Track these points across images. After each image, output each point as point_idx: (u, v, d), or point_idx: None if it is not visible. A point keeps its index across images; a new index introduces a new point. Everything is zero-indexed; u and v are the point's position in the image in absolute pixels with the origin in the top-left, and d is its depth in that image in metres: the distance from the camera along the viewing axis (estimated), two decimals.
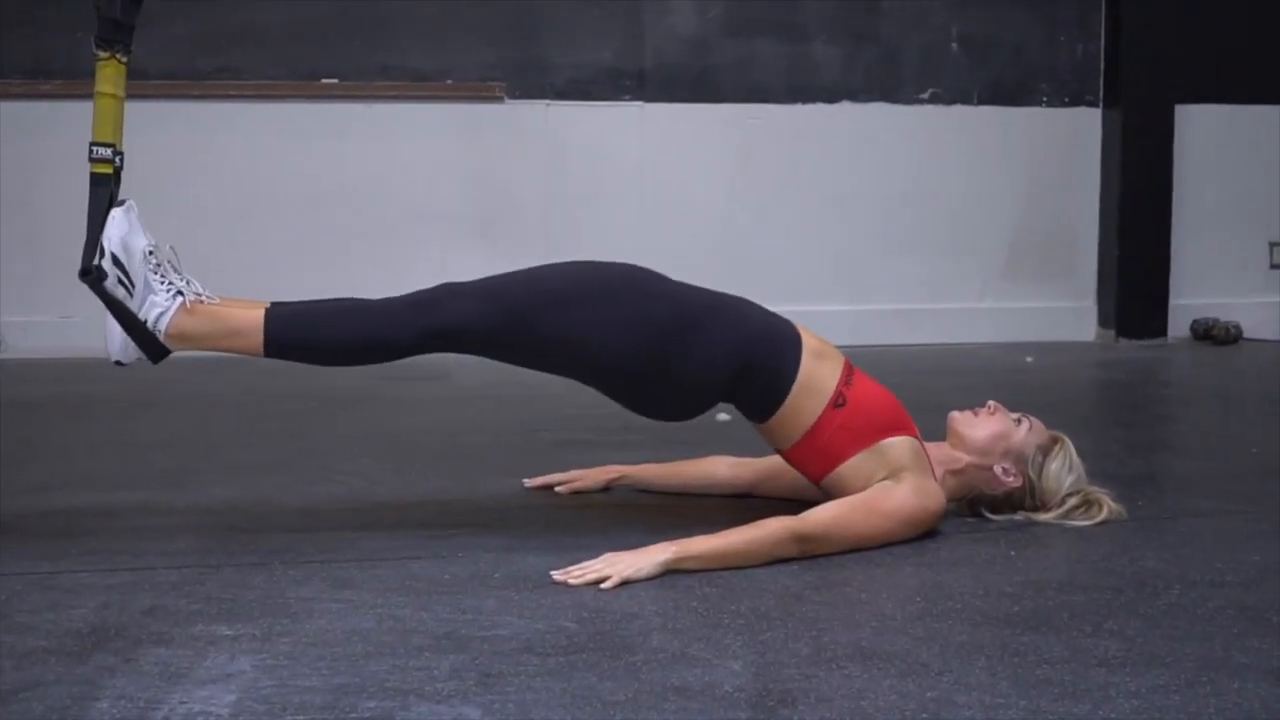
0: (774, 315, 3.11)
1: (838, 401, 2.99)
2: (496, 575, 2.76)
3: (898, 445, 2.99)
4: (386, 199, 6.05)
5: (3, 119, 5.77)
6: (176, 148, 5.87)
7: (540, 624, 2.47)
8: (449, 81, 6.08)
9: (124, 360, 2.90)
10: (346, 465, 3.75)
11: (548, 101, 6.14)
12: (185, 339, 2.86)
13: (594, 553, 2.78)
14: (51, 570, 2.78)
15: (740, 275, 6.23)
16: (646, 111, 6.21)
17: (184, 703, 2.10)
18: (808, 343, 3.04)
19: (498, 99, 6.10)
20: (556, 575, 2.72)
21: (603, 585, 2.66)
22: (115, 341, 2.87)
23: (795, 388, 2.98)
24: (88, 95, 2.97)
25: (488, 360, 3.05)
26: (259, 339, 2.86)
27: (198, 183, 5.92)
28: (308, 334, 2.89)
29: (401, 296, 2.95)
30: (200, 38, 5.91)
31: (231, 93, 5.94)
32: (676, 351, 2.92)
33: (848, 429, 2.98)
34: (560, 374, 3.05)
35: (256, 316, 2.87)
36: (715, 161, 6.29)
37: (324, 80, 5.99)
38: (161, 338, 2.85)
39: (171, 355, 2.91)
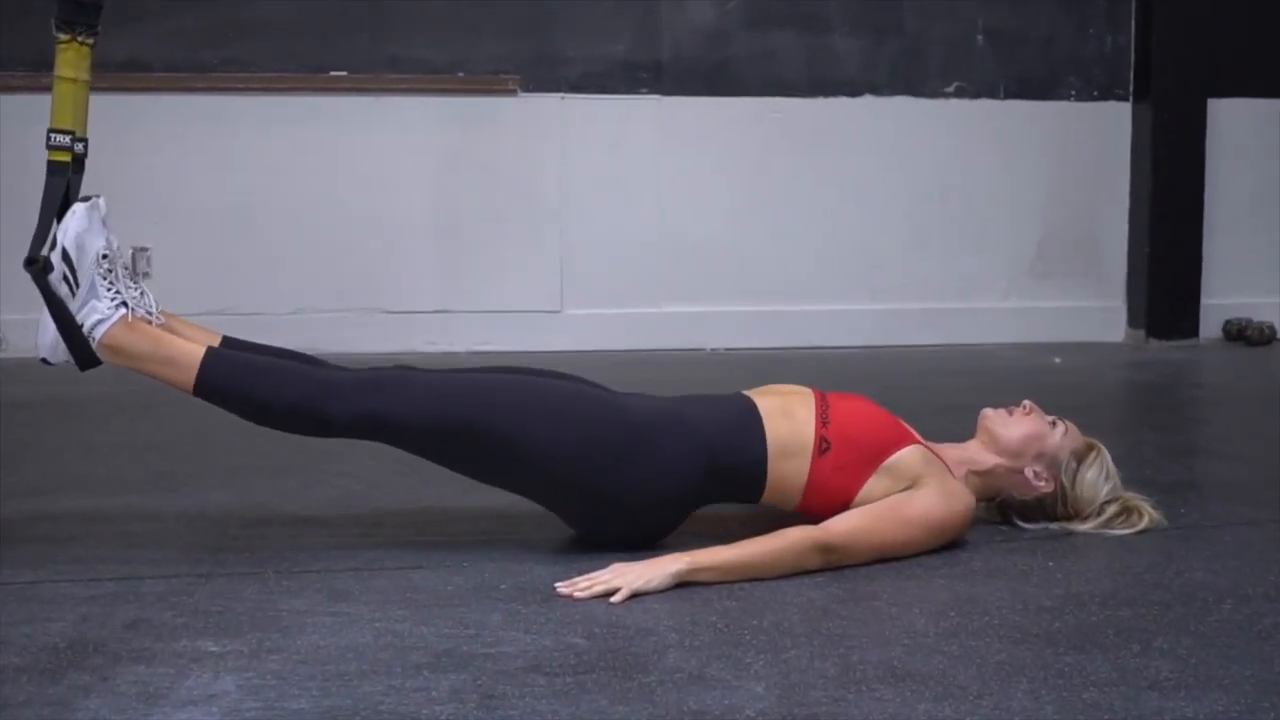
0: (726, 400, 2.91)
1: (821, 449, 2.81)
2: (502, 587, 2.60)
3: (905, 457, 2.83)
4: (395, 196, 5.91)
5: (4, 112, 5.62)
6: (181, 141, 5.76)
7: (548, 640, 2.31)
8: (460, 74, 5.93)
9: (51, 360, 2.76)
10: (349, 468, 3.60)
11: (562, 95, 6.00)
12: (118, 354, 2.70)
13: (604, 563, 2.63)
14: (33, 580, 2.63)
15: (758, 274, 6.12)
16: (663, 105, 6.06)
17: None
18: (767, 407, 2.85)
19: (511, 92, 5.95)
20: (562, 588, 2.56)
21: (612, 599, 2.50)
22: (46, 338, 2.73)
23: (770, 461, 2.80)
24: (90, 88, 2.82)
25: (444, 468, 2.87)
26: (191, 375, 2.69)
27: (203, 176, 5.80)
28: (243, 386, 2.70)
29: (351, 372, 2.78)
30: (205, 30, 5.79)
31: (237, 86, 5.81)
32: (634, 472, 2.72)
33: (843, 468, 2.81)
34: (509, 489, 2.85)
35: (195, 352, 2.70)
36: (734, 157, 6.14)
37: (332, 73, 5.86)
38: (94, 346, 2.69)
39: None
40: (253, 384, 2.71)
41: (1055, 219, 6.37)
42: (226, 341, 2.85)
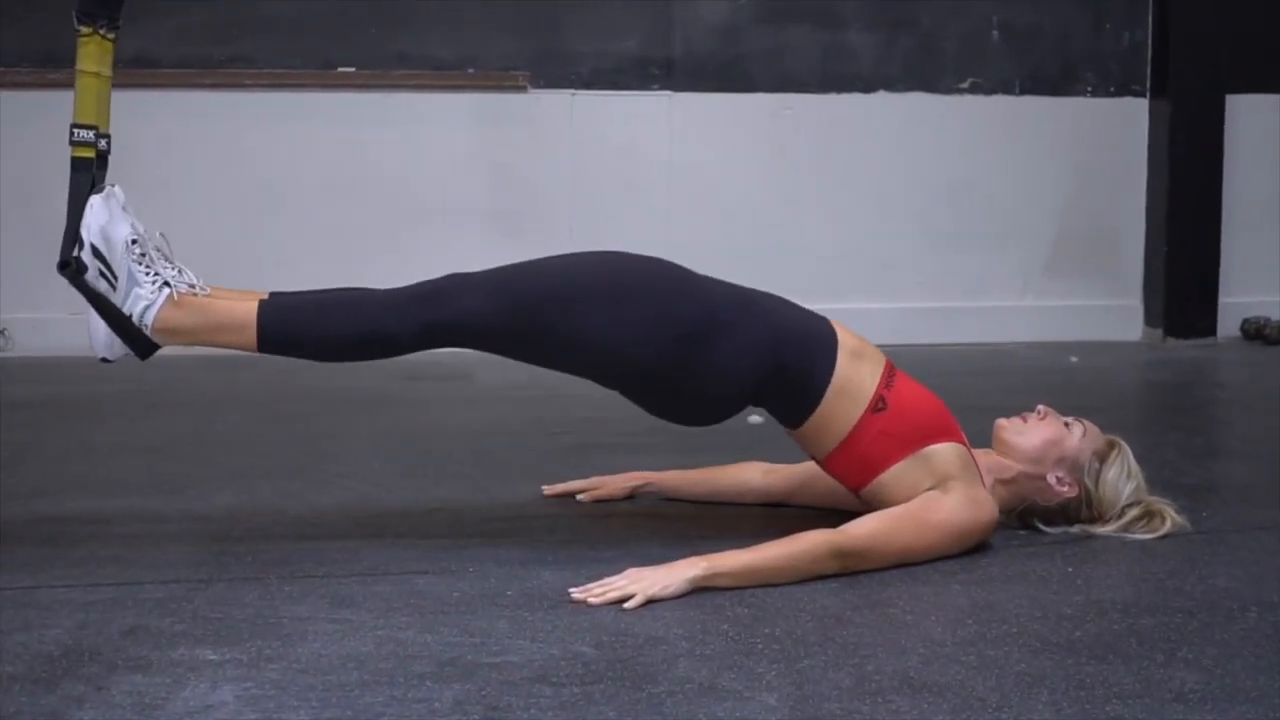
0: (808, 313, 2.88)
1: (877, 405, 2.76)
2: (509, 593, 2.55)
3: (944, 452, 2.76)
4: (405, 191, 5.86)
5: (11, 109, 5.58)
6: (190, 137, 5.70)
7: (555, 649, 2.25)
8: (470, 71, 5.87)
9: (110, 357, 2.70)
10: (357, 469, 3.54)
11: (573, 91, 5.93)
12: (174, 333, 2.65)
13: (617, 567, 2.57)
14: (31, 584, 2.58)
15: (772, 272, 6.03)
16: (675, 102, 5.99)
17: None
18: (844, 342, 2.81)
19: (521, 89, 5.89)
20: (575, 594, 2.50)
21: (626, 605, 2.44)
22: (99, 337, 2.67)
23: (829, 391, 2.76)
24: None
25: (512, 360, 2.83)
26: (252, 334, 2.65)
27: (211, 173, 5.74)
28: (304, 329, 2.68)
29: (406, 288, 2.73)
30: (214, 26, 5.73)
31: (246, 82, 5.75)
32: (698, 354, 2.69)
33: (888, 435, 2.75)
34: (574, 374, 2.83)
35: (250, 309, 2.66)
36: (746, 154, 6.06)
37: (340, 69, 5.79)
38: (148, 332, 2.64)
39: (174, 350, 2.72)
40: (313, 324, 2.68)
41: (1071, 216, 6.29)
42: (272, 294, 2.78)
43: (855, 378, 2.77)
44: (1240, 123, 6.27)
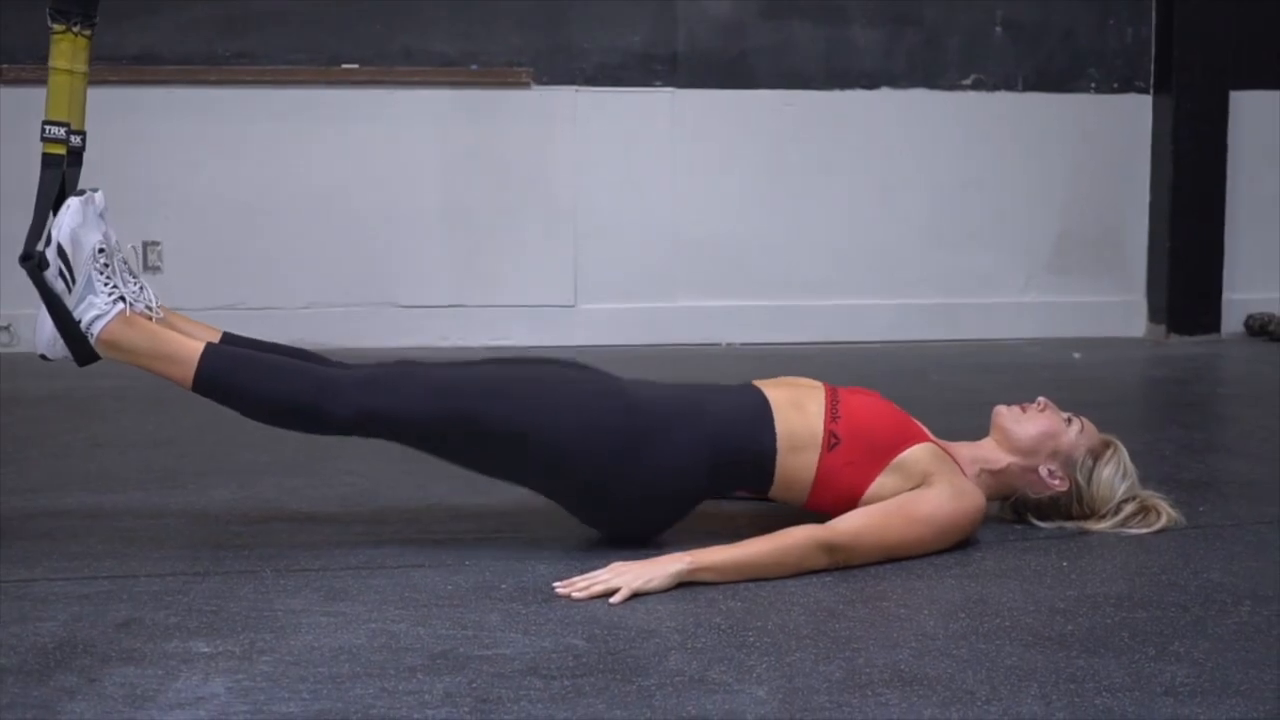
0: (732, 390, 2.87)
1: (831, 444, 2.75)
2: (503, 586, 2.56)
3: (915, 455, 2.77)
4: (408, 189, 5.87)
5: (15, 105, 5.60)
6: (194, 134, 5.72)
7: (546, 642, 2.26)
8: (474, 67, 5.88)
9: (50, 356, 2.75)
10: (355, 466, 3.55)
11: (576, 87, 5.94)
12: (116, 349, 2.67)
13: (608, 562, 2.57)
14: (27, 577, 2.60)
15: (774, 268, 6.06)
16: (679, 98, 6.00)
17: None
18: (778, 399, 2.79)
19: (525, 85, 5.89)
20: (560, 588, 2.51)
21: (611, 600, 2.45)
22: (44, 335, 2.71)
23: (779, 455, 2.75)
24: (103, 81, 2.78)
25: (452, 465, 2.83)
26: (190, 371, 2.66)
27: (215, 169, 5.76)
28: (241, 383, 2.68)
29: (352, 370, 2.74)
30: (218, 22, 5.75)
31: (250, 78, 5.77)
32: (639, 462, 2.68)
33: (852, 464, 2.75)
34: (513, 482, 2.81)
35: (194, 348, 2.68)
36: (750, 150, 6.07)
37: (345, 65, 5.81)
38: (92, 342, 2.66)
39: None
40: (251, 381, 2.68)
41: (1074, 212, 6.29)
42: (226, 338, 2.81)
43: (800, 430, 2.76)
44: (1244, 119, 6.28)
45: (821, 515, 2.74)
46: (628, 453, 2.67)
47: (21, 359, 5.37)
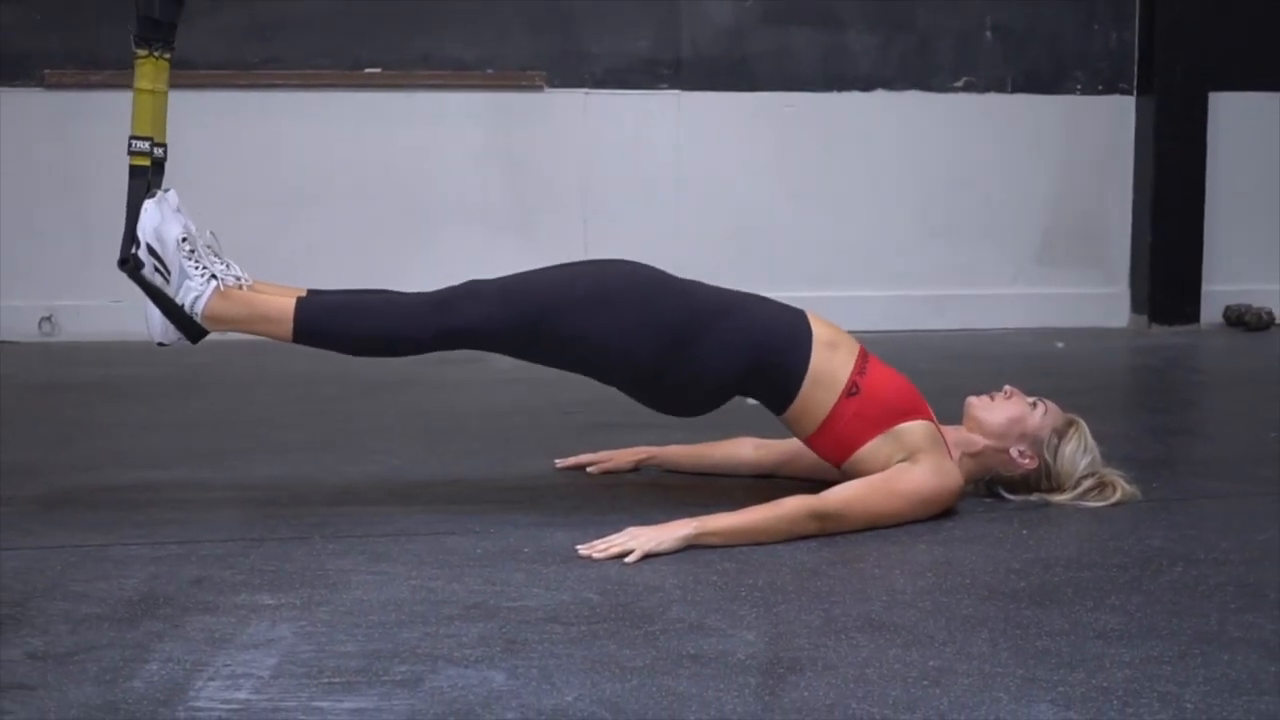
0: (785, 309, 3.22)
1: (851, 390, 3.08)
2: (526, 550, 2.88)
3: (913, 429, 3.09)
4: (427, 187, 6.14)
5: (56, 108, 5.92)
6: (224, 136, 5.98)
7: (565, 595, 2.59)
8: (489, 71, 6.16)
9: (165, 341, 3.07)
10: (385, 445, 3.88)
11: (586, 90, 6.22)
12: (220, 321, 3.01)
13: (620, 529, 2.90)
14: (104, 543, 2.92)
15: (775, 262, 6.33)
16: (683, 100, 6.27)
17: (227, 665, 2.24)
18: (819, 334, 3.13)
19: (537, 88, 6.18)
20: (582, 549, 2.84)
21: (626, 560, 2.78)
22: (155, 324, 3.04)
23: (806, 382, 3.09)
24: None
25: (520, 360, 3.17)
26: (289, 326, 3.01)
27: (244, 170, 6.02)
28: (335, 326, 3.04)
29: (426, 295, 3.08)
30: (247, 28, 6.02)
31: (277, 82, 6.05)
32: (686, 353, 3.03)
33: (862, 416, 3.08)
34: (575, 372, 3.16)
35: (288, 305, 3.01)
36: (751, 150, 6.34)
37: (367, 69, 6.10)
38: (198, 319, 3.00)
39: (210, 336, 3.09)
40: (342, 324, 3.04)
41: (1061, 208, 6.55)
42: (310, 292, 3.13)
43: (829, 368, 3.10)
44: (1223, 119, 6.52)
45: (814, 468, 3.07)
46: (680, 342, 3.03)
47: (64, 348, 5.70)
